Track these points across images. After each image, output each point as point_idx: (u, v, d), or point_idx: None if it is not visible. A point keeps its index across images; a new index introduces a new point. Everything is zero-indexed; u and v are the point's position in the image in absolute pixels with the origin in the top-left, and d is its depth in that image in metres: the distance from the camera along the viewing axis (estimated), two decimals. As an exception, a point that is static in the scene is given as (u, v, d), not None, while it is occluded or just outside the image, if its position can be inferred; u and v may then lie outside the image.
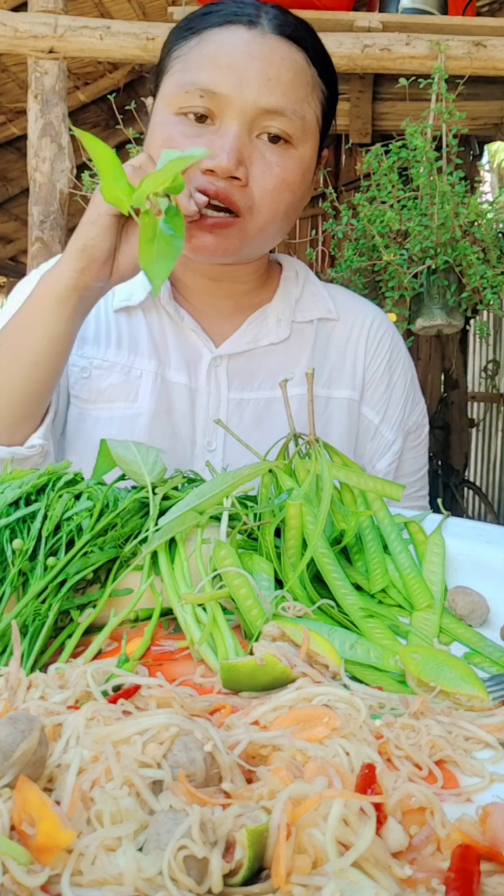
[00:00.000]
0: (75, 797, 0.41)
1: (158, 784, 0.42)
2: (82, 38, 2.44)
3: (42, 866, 0.37)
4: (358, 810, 0.41)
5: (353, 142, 2.93)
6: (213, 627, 0.65)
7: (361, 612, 0.71)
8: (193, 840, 0.37)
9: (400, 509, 0.98)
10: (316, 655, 0.61)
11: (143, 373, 1.20)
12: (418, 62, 2.38)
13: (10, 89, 4.03)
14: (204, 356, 1.23)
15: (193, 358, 1.23)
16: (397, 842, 0.41)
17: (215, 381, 1.23)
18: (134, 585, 0.70)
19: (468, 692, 0.58)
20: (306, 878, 0.37)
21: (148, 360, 1.21)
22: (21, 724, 0.42)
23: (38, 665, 0.62)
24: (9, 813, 0.39)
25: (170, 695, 0.51)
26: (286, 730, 0.48)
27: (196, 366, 1.23)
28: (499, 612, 0.76)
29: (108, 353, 1.22)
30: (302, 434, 0.87)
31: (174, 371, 1.22)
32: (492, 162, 4.62)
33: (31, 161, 2.52)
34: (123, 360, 1.21)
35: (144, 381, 1.20)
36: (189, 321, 1.23)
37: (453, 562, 0.84)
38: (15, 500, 0.73)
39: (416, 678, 0.60)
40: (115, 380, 1.20)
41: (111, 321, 1.24)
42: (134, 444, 0.85)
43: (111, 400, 1.21)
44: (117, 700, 0.51)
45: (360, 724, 0.50)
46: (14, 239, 5.43)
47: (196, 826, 0.37)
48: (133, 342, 1.22)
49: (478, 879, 0.39)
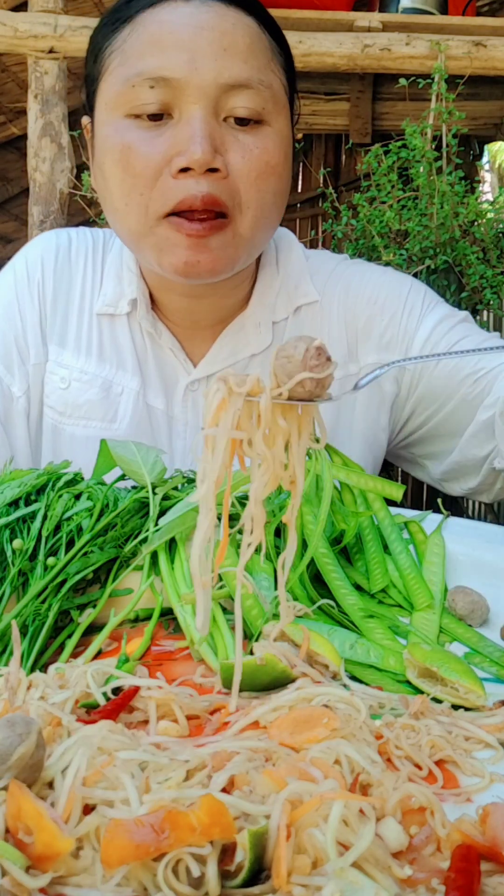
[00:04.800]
0: (71, 801, 0.41)
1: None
2: (82, 38, 2.43)
3: (41, 873, 0.37)
4: (357, 811, 0.41)
5: (353, 142, 2.93)
6: (213, 627, 0.64)
7: (361, 612, 0.71)
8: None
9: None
10: (316, 655, 0.61)
11: (125, 390, 1.11)
12: (418, 62, 2.38)
13: (10, 89, 4.02)
14: (180, 379, 1.12)
15: (170, 380, 1.13)
16: (397, 842, 0.41)
17: (193, 407, 1.12)
18: (134, 585, 0.70)
19: (467, 685, 0.58)
20: (306, 879, 0.37)
21: (131, 376, 1.12)
22: (19, 727, 0.41)
23: (38, 665, 0.62)
24: (3, 817, 0.39)
25: (169, 695, 0.52)
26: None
27: (173, 390, 1.13)
28: (499, 612, 0.75)
29: (90, 364, 1.12)
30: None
31: (153, 394, 1.12)
32: (492, 162, 4.62)
33: (31, 161, 2.52)
34: (105, 373, 1.12)
35: (125, 399, 1.11)
36: (167, 338, 1.11)
37: (453, 562, 0.84)
38: (15, 500, 0.73)
39: (419, 668, 0.60)
40: (94, 395, 1.11)
41: (93, 326, 1.13)
42: (134, 444, 0.85)
43: (88, 417, 1.12)
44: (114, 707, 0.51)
45: (360, 724, 0.50)
46: (14, 239, 5.42)
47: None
48: (116, 354, 1.12)
49: (478, 879, 0.39)
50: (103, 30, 0.96)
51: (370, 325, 1.13)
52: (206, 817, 0.38)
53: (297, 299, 1.13)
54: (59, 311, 1.14)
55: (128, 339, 1.12)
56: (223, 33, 0.89)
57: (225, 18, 0.90)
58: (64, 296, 1.15)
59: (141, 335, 1.12)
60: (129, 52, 0.91)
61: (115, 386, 1.12)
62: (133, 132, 0.91)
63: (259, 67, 0.91)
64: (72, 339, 1.13)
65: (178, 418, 1.13)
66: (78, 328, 1.14)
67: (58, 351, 1.14)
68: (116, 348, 1.13)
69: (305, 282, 1.14)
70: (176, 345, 1.11)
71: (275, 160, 0.94)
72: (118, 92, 0.91)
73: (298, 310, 1.13)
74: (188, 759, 0.45)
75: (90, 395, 1.11)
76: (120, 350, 1.12)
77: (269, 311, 1.11)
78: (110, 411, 1.11)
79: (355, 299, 1.14)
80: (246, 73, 0.90)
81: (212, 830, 0.38)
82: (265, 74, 0.92)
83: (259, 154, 0.92)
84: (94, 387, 1.11)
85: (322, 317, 1.14)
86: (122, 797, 0.41)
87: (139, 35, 0.90)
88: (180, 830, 0.37)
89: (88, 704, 0.54)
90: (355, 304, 1.14)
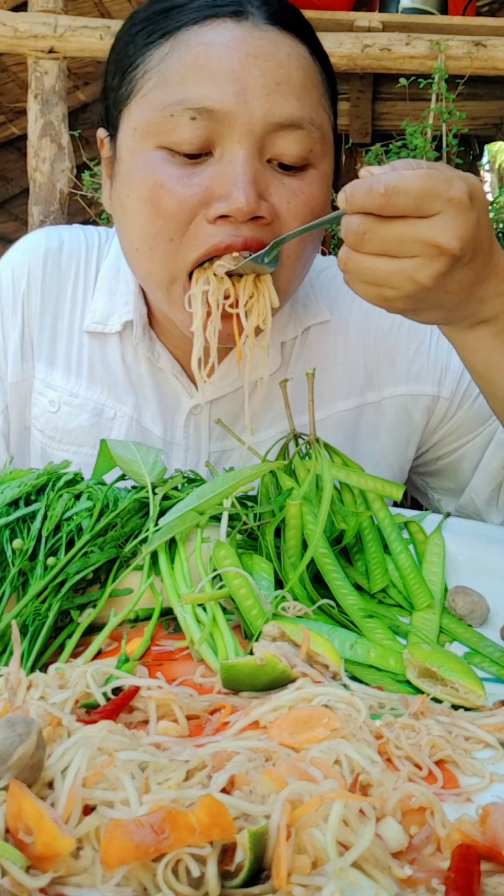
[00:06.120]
0: (71, 801, 0.41)
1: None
2: (82, 38, 2.44)
3: (41, 873, 0.37)
4: (357, 811, 0.41)
5: (353, 142, 2.94)
6: (213, 627, 0.64)
7: (361, 612, 0.71)
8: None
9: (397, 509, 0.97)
10: (316, 655, 0.61)
11: (117, 416, 1.05)
12: (418, 62, 2.38)
13: (10, 89, 4.03)
14: (182, 404, 1.05)
15: (171, 405, 1.06)
16: (397, 842, 0.41)
17: (195, 432, 1.06)
18: (134, 585, 0.70)
19: (467, 685, 0.58)
20: (306, 879, 0.37)
21: (123, 400, 1.05)
22: (19, 728, 0.41)
23: (38, 665, 0.62)
24: (3, 817, 0.39)
25: (169, 695, 0.52)
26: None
27: (173, 415, 1.06)
28: (499, 612, 0.75)
29: (80, 386, 1.06)
30: (302, 434, 0.87)
31: (149, 419, 1.06)
32: (492, 162, 4.62)
33: (31, 161, 2.52)
34: (96, 397, 1.05)
35: (117, 425, 1.05)
36: (167, 360, 1.04)
37: (453, 562, 0.84)
38: (15, 500, 0.73)
39: (419, 668, 0.60)
40: (85, 421, 1.05)
41: (84, 344, 1.06)
42: (134, 444, 0.85)
43: (79, 443, 1.06)
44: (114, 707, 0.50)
45: (360, 724, 0.50)
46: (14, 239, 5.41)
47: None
48: (108, 376, 1.06)
49: (478, 879, 0.39)
50: (136, 40, 0.85)
51: (394, 354, 1.08)
52: (205, 817, 0.38)
53: (306, 320, 1.07)
54: (47, 325, 1.07)
55: (118, 359, 1.06)
56: (277, 65, 0.80)
57: (280, 48, 0.81)
58: (52, 309, 1.07)
59: (135, 356, 1.06)
60: (169, 75, 0.81)
61: (106, 410, 1.06)
62: (166, 167, 0.82)
63: (311, 105, 0.83)
64: (61, 358, 1.07)
65: (179, 444, 1.07)
66: (67, 346, 1.07)
67: (46, 370, 1.07)
68: (108, 369, 1.06)
69: (315, 301, 1.08)
70: (177, 367, 1.04)
71: (319, 206, 0.87)
72: (153, 120, 0.82)
73: (307, 329, 1.07)
74: (188, 759, 0.45)
75: (80, 421, 1.05)
76: (111, 372, 1.06)
77: (278, 333, 1.04)
78: (102, 437, 1.03)
79: (377, 324, 1.08)
80: (298, 113, 0.81)
81: (212, 831, 0.38)
82: (317, 113, 0.84)
83: (305, 200, 0.85)
84: (85, 412, 1.05)
85: (335, 336, 1.08)
86: (122, 798, 0.41)
87: (181, 56, 0.80)
88: (180, 831, 0.37)
89: (88, 704, 0.54)
90: (377, 330, 1.08)
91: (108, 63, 0.91)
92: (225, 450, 1.07)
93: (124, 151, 0.86)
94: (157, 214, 0.83)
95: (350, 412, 1.09)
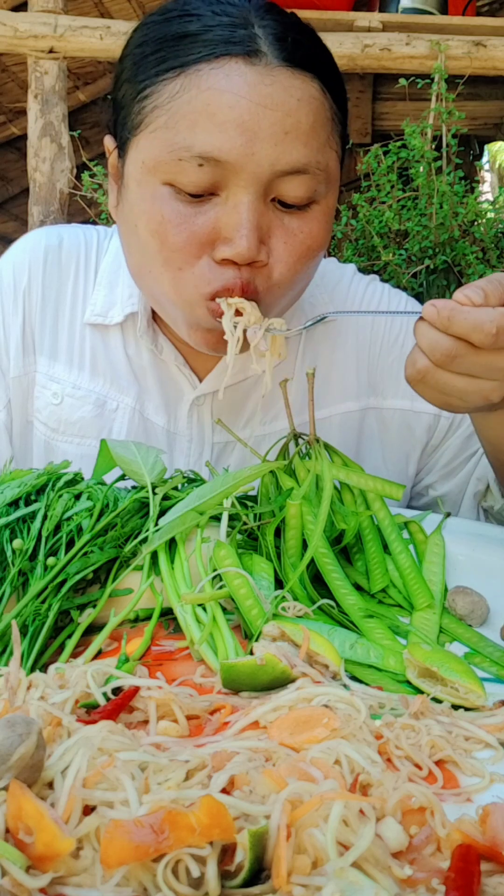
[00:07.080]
0: (71, 801, 0.41)
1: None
2: (82, 38, 2.44)
3: (41, 873, 0.37)
4: (357, 811, 0.41)
5: (353, 142, 2.93)
6: (213, 627, 0.65)
7: (361, 612, 0.71)
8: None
9: (399, 509, 0.97)
10: (316, 655, 0.61)
11: (119, 407, 1.07)
12: (418, 62, 2.38)
13: (10, 89, 4.03)
14: (185, 394, 1.08)
15: (173, 396, 1.08)
16: (397, 842, 0.41)
17: (198, 423, 1.09)
18: (134, 585, 0.70)
19: (467, 685, 0.58)
20: (306, 879, 0.37)
21: (126, 392, 1.08)
22: (19, 728, 0.41)
23: (38, 665, 0.62)
24: (3, 817, 0.39)
25: (169, 695, 0.52)
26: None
27: (176, 406, 1.09)
28: (499, 612, 0.75)
29: (82, 378, 1.08)
30: (302, 434, 0.87)
31: (152, 410, 1.08)
32: (492, 162, 4.62)
33: (31, 161, 2.52)
34: (98, 389, 1.08)
35: (120, 416, 1.08)
36: (170, 352, 1.06)
37: (453, 562, 0.84)
38: (15, 500, 0.73)
39: (419, 668, 0.60)
40: (88, 412, 1.07)
41: (85, 336, 1.08)
42: (134, 444, 0.85)
43: (82, 435, 1.08)
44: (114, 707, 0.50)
45: (360, 724, 0.50)
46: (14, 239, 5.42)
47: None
48: (110, 368, 1.08)
49: (478, 879, 0.39)
50: (144, 64, 0.85)
51: (397, 369, 1.11)
52: (205, 818, 0.38)
53: (312, 314, 1.09)
54: (49, 320, 1.09)
55: (120, 351, 1.08)
56: (286, 114, 0.81)
57: (290, 93, 0.81)
58: (53, 304, 1.09)
59: (137, 347, 1.08)
60: (178, 115, 0.81)
61: (109, 402, 1.08)
62: (172, 204, 0.84)
63: (318, 148, 0.85)
64: (63, 351, 1.09)
65: (182, 434, 1.09)
66: (69, 339, 1.09)
67: (49, 363, 1.09)
68: (110, 361, 1.08)
69: (320, 300, 1.11)
70: (180, 359, 1.06)
71: (317, 243, 0.90)
72: (160, 159, 0.83)
73: (313, 327, 1.08)
74: (188, 759, 0.45)
75: (83, 413, 1.07)
76: (113, 363, 1.08)
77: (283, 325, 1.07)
78: (105, 428, 1.08)
79: (381, 334, 1.12)
80: (304, 159, 0.83)
81: (211, 831, 0.38)
82: (323, 154, 0.86)
83: (302, 239, 0.87)
84: (88, 403, 1.08)
85: (341, 336, 1.11)
86: (122, 798, 0.41)
87: (191, 100, 0.80)
88: (180, 831, 0.37)
89: (88, 704, 0.54)
90: (382, 339, 1.12)
91: (116, 76, 0.91)
92: (229, 440, 1.09)
93: (132, 180, 0.88)
94: (165, 246, 0.86)
95: (354, 414, 1.12)
